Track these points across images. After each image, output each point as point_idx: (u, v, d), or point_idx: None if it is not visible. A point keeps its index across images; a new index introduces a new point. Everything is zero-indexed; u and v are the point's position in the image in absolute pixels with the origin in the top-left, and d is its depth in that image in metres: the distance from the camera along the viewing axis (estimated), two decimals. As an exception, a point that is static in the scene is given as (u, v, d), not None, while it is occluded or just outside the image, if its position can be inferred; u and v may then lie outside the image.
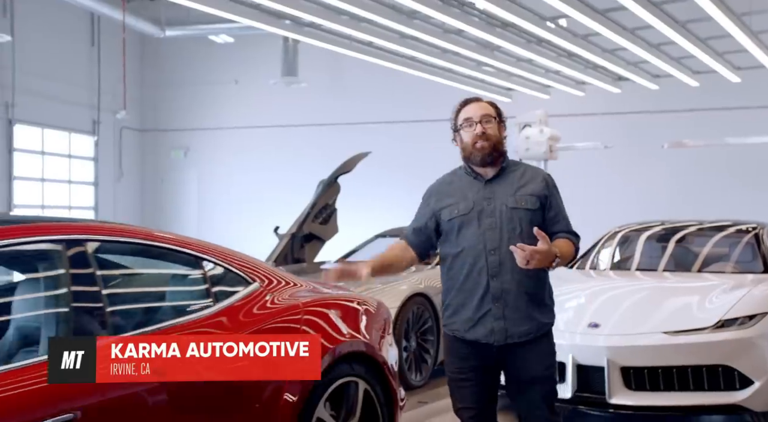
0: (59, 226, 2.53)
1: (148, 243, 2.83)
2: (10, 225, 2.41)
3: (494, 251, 2.96)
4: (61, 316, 2.38)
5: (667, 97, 12.89)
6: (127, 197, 17.71)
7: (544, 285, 3.07)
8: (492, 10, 8.60)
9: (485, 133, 3.01)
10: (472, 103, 3.12)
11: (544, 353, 3.05)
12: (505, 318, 2.97)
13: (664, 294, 5.60)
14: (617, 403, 4.79)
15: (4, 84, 14.34)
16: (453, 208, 3.06)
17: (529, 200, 3.03)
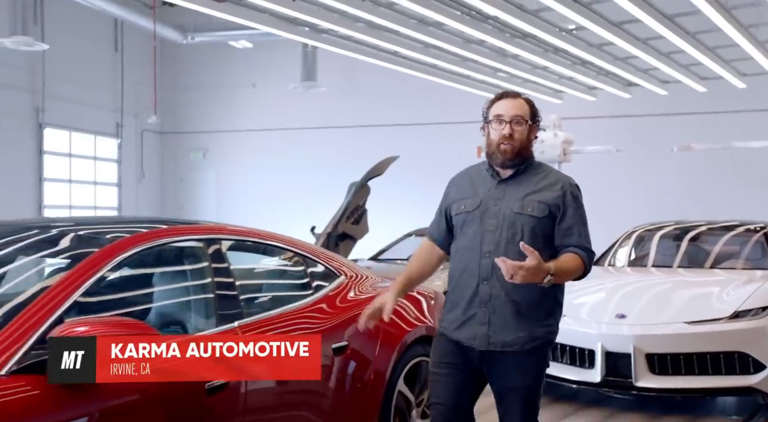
0: (201, 228, 3.07)
1: (264, 243, 3.38)
2: (163, 227, 2.95)
3: (489, 254, 2.84)
4: (208, 301, 2.92)
5: (676, 101, 13.41)
6: (148, 197, 18.22)
7: (543, 299, 2.87)
8: (512, 22, 9.12)
9: (512, 135, 2.87)
10: (508, 98, 2.95)
11: (530, 366, 2.89)
12: (489, 325, 2.85)
13: (683, 288, 6.13)
14: (643, 386, 5.31)
15: (35, 89, 14.87)
16: (461, 203, 2.97)
17: (537, 207, 2.86)
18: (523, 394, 2.90)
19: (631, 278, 6.67)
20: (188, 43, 15.50)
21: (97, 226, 3.03)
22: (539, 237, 2.84)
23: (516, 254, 2.74)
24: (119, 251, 2.67)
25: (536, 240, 2.81)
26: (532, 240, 2.79)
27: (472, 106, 15.15)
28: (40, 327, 2.31)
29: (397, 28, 9.81)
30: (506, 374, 2.88)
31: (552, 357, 5.69)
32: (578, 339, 5.64)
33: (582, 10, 8.55)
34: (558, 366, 5.75)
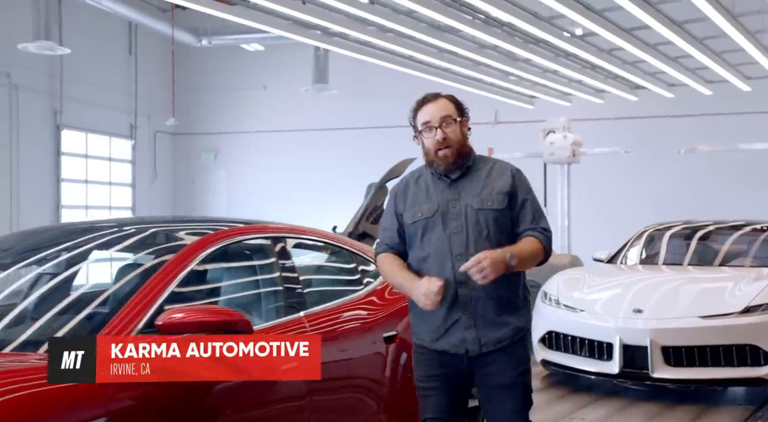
0: (270, 227, 3.38)
1: (321, 241, 3.69)
2: (240, 225, 3.27)
3: (461, 256, 2.77)
4: (277, 293, 3.23)
5: (682, 104, 13.73)
6: (161, 197, 18.52)
7: (517, 288, 2.88)
8: (526, 28, 9.43)
9: (446, 138, 2.82)
10: (429, 103, 2.89)
11: (517, 358, 2.85)
12: (476, 327, 2.79)
13: (695, 284, 6.44)
14: (659, 377, 5.63)
15: (53, 92, 15.17)
16: (417, 210, 2.87)
17: (496, 199, 2.83)
18: (519, 392, 2.85)
19: (644, 275, 6.97)
20: (202, 46, 15.81)
21: (177, 225, 3.34)
22: (504, 229, 2.83)
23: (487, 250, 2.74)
24: (204, 247, 2.98)
25: (501, 232, 2.81)
26: (497, 233, 2.80)
27: (483, 108, 15.63)
28: (146, 313, 2.62)
29: (412, 33, 10.10)
30: (495, 370, 2.81)
31: (570, 350, 6.07)
32: (596, 333, 5.95)
33: (594, 17, 8.86)
34: (576, 358, 6.06)
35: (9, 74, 14.12)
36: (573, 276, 6.82)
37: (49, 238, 3.20)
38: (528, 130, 13.50)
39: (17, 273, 2.97)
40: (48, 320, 2.67)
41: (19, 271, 2.98)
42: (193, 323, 2.53)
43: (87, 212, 16.40)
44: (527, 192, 2.89)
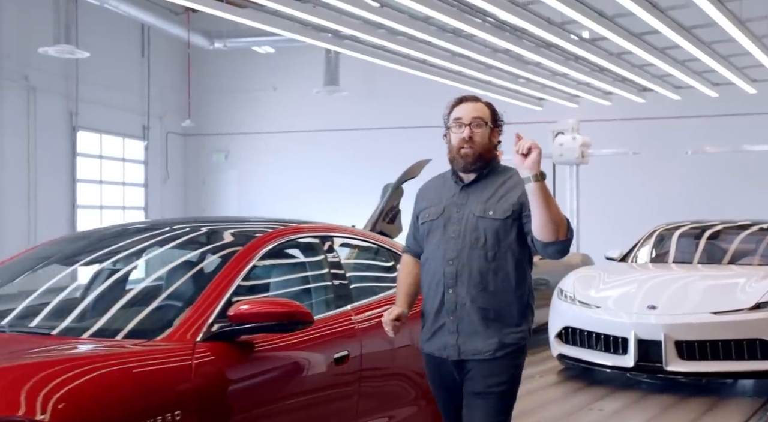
0: (319, 227, 3.65)
1: (363, 240, 3.95)
2: (293, 225, 3.53)
3: (452, 261, 2.78)
4: (327, 287, 3.48)
5: (688, 106, 13.97)
6: (173, 197, 18.77)
7: (512, 301, 2.81)
8: (539, 33, 9.67)
9: (472, 138, 2.82)
10: (467, 102, 2.91)
11: (500, 371, 2.80)
12: (458, 333, 2.80)
13: (707, 281, 6.69)
14: (673, 370, 5.89)
15: (69, 94, 15.43)
16: (426, 212, 2.93)
17: (499, 209, 2.78)
18: (494, 400, 2.79)
19: (656, 273, 7.22)
20: (213, 49, 16.07)
21: (233, 225, 3.60)
22: (503, 241, 2.78)
23: (480, 259, 2.77)
24: (264, 244, 3.24)
25: (499, 243, 2.78)
26: (495, 243, 2.77)
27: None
28: (217, 305, 2.86)
29: (424, 37, 10.33)
30: (473, 378, 2.80)
31: (586, 344, 6.32)
32: (611, 328, 6.21)
33: (606, 23, 9.10)
34: (592, 353, 6.32)
35: (27, 77, 14.38)
36: (588, 274, 7.08)
37: (117, 238, 3.46)
38: (536, 131, 13.75)
39: (94, 269, 3.23)
40: (130, 311, 2.92)
41: (95, 267, 3.24)
42: (261, 314, 2.77)
43: (101, 212, 16.68)
44: None
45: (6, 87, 13.90)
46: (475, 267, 2.78)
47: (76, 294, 3.21)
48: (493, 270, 2.79)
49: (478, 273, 2.78)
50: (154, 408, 2.43)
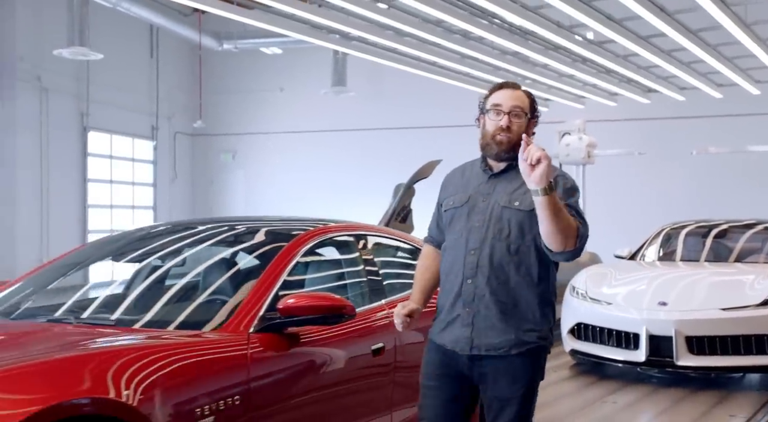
0: (354, 226, 3.85)
1: (394, 238, 4.14)
2: (332, 224, 3.73)
3: (474, 251, 2.71)
4: (362, 283, 3.68)
5: (692, 106, 14.17)
6: (180, 197, 18.97)
7: (533, 297, 2.73)
8: (548, 37, 9.86)
9: (510, 127, 2.73)
10: (507, 89, 2.80)
11: (519, 373, 2.70)
12: (472, 326, 2.70)
13: (715, 279, 6.89)
14: (683, 364, 6.08)
15: (80, 95, 15.62)
16: (450, 199, 2.86)
17: (525, 200, 2.67)
18: (514, 407, 2.70)
19: (666, 270, 7.40)
20: (222, 50, 16.26)
21: (275, 224, 3.80)
22: (527, 234, 2.69)
23: (503, 251, 2.69)
24: (305, 242, 3.44)
25: (522, 236, 2.70)
26: (518, 235, 2.69)
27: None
28: (266, 299, 3.06)
29: (434, 39, 10.52)
30: (495, 382, 2.71)
31: (599, 340, 6.51)
32: (623, 324, 6.39)
33: (614, 26, 9.29)
34: (604, 348, 6.51)
35: (40, 78, 14.57)
36: (599, 272, 7.27)
37: (164, 236, 3.66)
38: (542, 131, 13.93)
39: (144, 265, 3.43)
40: (187, 304, 3.12)
41: (152, 263, 3.44)
42: (308, 307, 2.96)
43: (112, 212, 16.88)
44: (569, 195, 2.71)
45: (20, 88, 14.09)
46: (497, 259, 2.68)
47: (132, 288, 3.39)
48: (516, 264, 2.69)
49: (499, 266, 2.69)
50: (217, 393, 2.63)
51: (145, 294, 3.26)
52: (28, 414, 2.00)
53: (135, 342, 2.63)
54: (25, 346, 2.55)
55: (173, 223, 3.91)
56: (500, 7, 8.51)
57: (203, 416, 2.55)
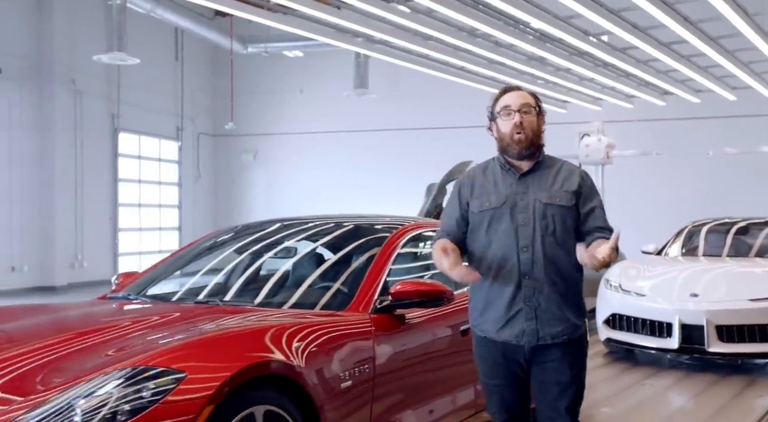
0: (437, 222, 4.35)
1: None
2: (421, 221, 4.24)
3: (526, 248, 2.84)
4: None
5: (707, 108, 14.66)
6: (204, 196, 19.48)
7: (578, 285, 2.95)
8: (574, 43, 10.36)
9: (523, 123, 2.88)
10: (512, 91, 2.97)
11: (576, 357, 2.91)
12: (536, 319, 2.85)
13: (741, 272, 7.37)
14: (714, 351, 6.57)
15: (111, 97, 16.14)
16: (484, 200, 2.93)
17: (564, 197, 2.88)
18: (574, 388, 2.90)
19: (695, 265, 7.86)
20: (247, 53, 16.75)
21: (372, 221, 4.32)
22: (569, 227, 2.88)
23: (552, 245, 2.86)
24: (402, 236, 3.94)
25: (566, 230, 2.87)
26: (563, 229, 2.86)
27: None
28: (378, 285, 3.56)
29: (468, 47, 11.01)
30: (558, 367, 2.87)
31: (633, 329, 7.00)
32: (657, 314, 6.89)
33: (639, 34, 9.79)
34: (638, 336, 7.01)
35: (74, 81, 15.08)
36: (631, 266, 7.75)
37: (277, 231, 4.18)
38: (561, 132, 14.40)
39: (272, 256, 3.95)
40: (313, 289, 3.62)
41: (272, 255, 3.95)
42: (416, 292, 3.45)
43: (140, 210, 17.40)
44: (596, 194, 2.96)
45: (57, 91, 14.60)
46: (549, 254, 2.84)
47: (260, 276, 3.90)
48: (565, 256, 2.88)
49: (552, 260, 2.85)
50: (353, 361, 3.13)
51: (276, 281, 3.77)
52: (237, 368, 2.51)
53: (290, 320, 3.12)
54: (198, 322, 3.04)
55: (281, 219, 4.40)
56: (532, 16, 9.00)
57: (344, 380, 3.05)
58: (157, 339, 2.75)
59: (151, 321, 3.07)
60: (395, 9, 9.71)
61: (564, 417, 2.90)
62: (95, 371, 2.44)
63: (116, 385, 2.34)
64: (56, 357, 2.61)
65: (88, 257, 15.53)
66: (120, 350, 2.65)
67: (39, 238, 14.44)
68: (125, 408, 2.28)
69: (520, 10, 8.69)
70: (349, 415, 3.07)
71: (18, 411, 2.31)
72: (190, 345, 2.63)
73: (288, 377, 2.74)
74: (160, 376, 2.39)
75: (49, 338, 2.79)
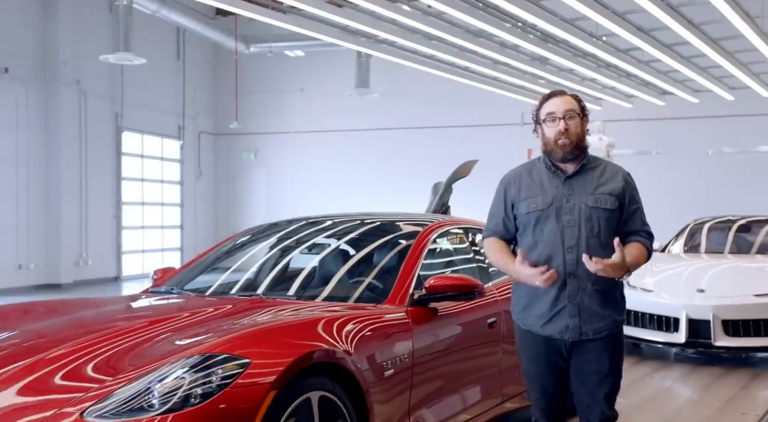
0: (462, 220, 4.53)
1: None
2: (443, 219, 4.41)
3: (572, 249, 2.96)
4: (473, 269, 4.35)
5: (705, 108, 14.88)
6: (205, 194, 19.60)
7: (618, 283, 3.07)
8: (580, 45, 10.54)
9: (568, 129, 2.99)
10: (556, 96, 3.08)
11: (615, 349, 3.05)
12: (580, 316, 2.98)
13: (745, 268, 7.57)
14: (720, 345, 6.77)
15: (115, 97, 16.25)
16: (531, 202, 3.05)
17: (609, 200, 3.00)
18: (613, 377, 3.04)
19: (701, 261, 8.06)
20: (249, 53, 16.88)
21: (400, 219, 4.48)
22: (613, 228, 3.00)
23: (597, 246, 2.97)
24: (431, 233, 4.11)
25: (611, 231, 2.99)
26: (608, 231, 2.98)
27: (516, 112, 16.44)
28: (413, 279, 3.72)
29: (474, 48, 11.17)
30: (598, 359, 3.01)
31: (641, 324, 7.18)
32: (664, 309, 7.08)
33: (643, 36, 9.98)
34: (647, 331, 7.20)
35: (79, 81, 15.19)
36: (638, 263, 7.94)
37: (305, 228, 4.34)
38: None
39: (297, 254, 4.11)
40: (350, 283, 3.79)
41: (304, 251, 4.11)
42: (449, 286, 3.62)
43: (143, 209, 17.51)
44: (638, 197, 3.11)
45: (63, 91, 14.70)
46: (593, 254, 2.91)
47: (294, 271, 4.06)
48: (608, 257, 2.91)
49: None
50: (394, 351, 3.30)
51: (313, 275, 3.93)
52: (296, 355, 2.68)
53: (339, 312, 3.29)
54: (250, 314, 3.21)
55: (306, 218, 4.56)
56: (539, 18, 9.18)
57: (386, 368, 3.22)
58: (217, 328, 2.91)
59: (207, 312, 3.23)
60: (400, 9, 9.84)
61: (602, 404, 3.03)
62: (166, 357, 2.61)
63: (187, 370, 2.49)
64: (133, 344, 2.78)
65: (93, 255, 15.64)
66: (187, 338, 2.81)
67: (45, 236, 14.56)
68: (197, 391, 2.44)
69: (527, 12, 8.86)
70: (391, 401, 3.24)
71: (107, 388, 2.49)
72: (251, 334, 2.80)
73: (339, 365, 2.90)
74: (226, 362, 2.55)
75: (116, 328, 2.96)
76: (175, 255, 18.35)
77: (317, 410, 2.76)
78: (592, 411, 3.05)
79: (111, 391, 2.46)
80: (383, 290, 3.67)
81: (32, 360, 2.71)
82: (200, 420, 2.39)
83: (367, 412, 3.01)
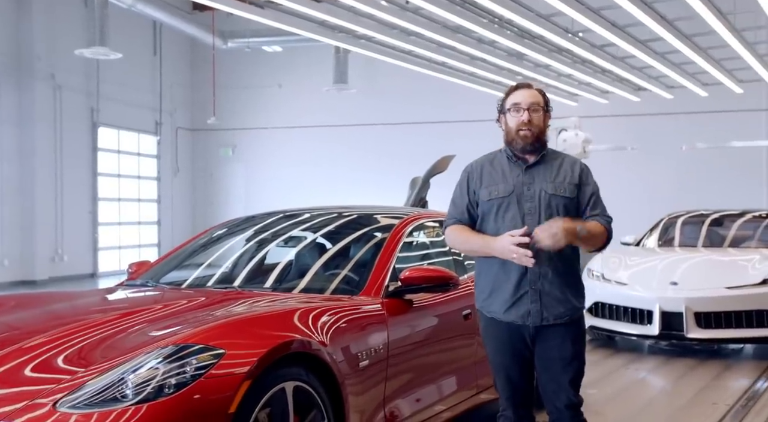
0: (436, 214, 4.55)
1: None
2: (419, 212, 4.43)
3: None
4: (449, 262, 4.38)
5: (679, 104, 15.05)
6: (182, 190, 19.49)
7: (577, 270, 3.18)
8: (554, 40, 10.62)
9: (531, 121, 3.06)
10: (523, 88, 3.15)
11: (577, 335, 3.13)
12: (541, 301, 3.04)
13: (718, 261, 7.68)
14: (692, 337, 6.87)
15: (90, 92, 16.11)
16: (493, 189, 3.12)
17: (567, 188, 3.09)
18: (576, 362, 3.10)
19: (674, 255, 8.15)
20: (226, 48, 16.79)
21: (375, 212, 4.50)
22: (572, 216, 3.07)
23: None
24: (407, 226, 4.13)
25: None
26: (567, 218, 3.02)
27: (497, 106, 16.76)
28: (388, 271, 3.74)
29: (451, 43, 11.21)
30: (561, 345, 3.06)
31: (615, 316, 7.27)
32: (638, 302, 7.17)
33: (617, 31, 10.07)
34: (621, 324, 7.29)
35: (54, 76, 15.04)
36: (613, 256, 8.02)
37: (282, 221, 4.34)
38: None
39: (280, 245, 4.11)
40: (326, 275, 3.80)
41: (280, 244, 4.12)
42: (424, 277, 3.65)
43: (120, 205, 17.39)
44: (594, 187, 3.18)
45: (37, 86, 14.56)
46: None
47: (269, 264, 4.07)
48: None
49: None
50: (371, 344, 3.32)
51: (290, 268, 3.95)
52: (271, 346, 2.70)
53: (314, 303, 3.30)
54: (226, 305, 3.21)
55: (283, 211, 4.57)
56: (515, 14, 9.23)
57: (361, 359, 3.24)
58: (192, 319, 2.92)
59: (181, 304, 3.23)
60: (378, 4, 9.85)
61: (567, 390, 3.09)
62: (140, 348, 2.61)
63: (161, 361, 2.50)
64: (106, 336, 2.77)
65: (69, 251, 15.52)
66: (161, 329, 2.82)
67: (19, 232, 14.42)
68: (171, 381, 2.45)
69: (504, 7, 8.92)
70: (366, 392, 3.26)
71: (79, 379, 2.49)
72: (226, 325, 2.81)
73: (315, 356, 2.92)
74: (201, 353, 2.56)
75: (89, 320, 2.96)
76: (153, 251, 18.24)
77: (292, 400, 2.77)
78: (558, 397, 3.09)
79: (84, 382, 2.46)
80: (359, 282, 3.69)
81: (4, 352, 2.71)
82: (174, 410, 2.40)
83: (342, 403, 3.03)
